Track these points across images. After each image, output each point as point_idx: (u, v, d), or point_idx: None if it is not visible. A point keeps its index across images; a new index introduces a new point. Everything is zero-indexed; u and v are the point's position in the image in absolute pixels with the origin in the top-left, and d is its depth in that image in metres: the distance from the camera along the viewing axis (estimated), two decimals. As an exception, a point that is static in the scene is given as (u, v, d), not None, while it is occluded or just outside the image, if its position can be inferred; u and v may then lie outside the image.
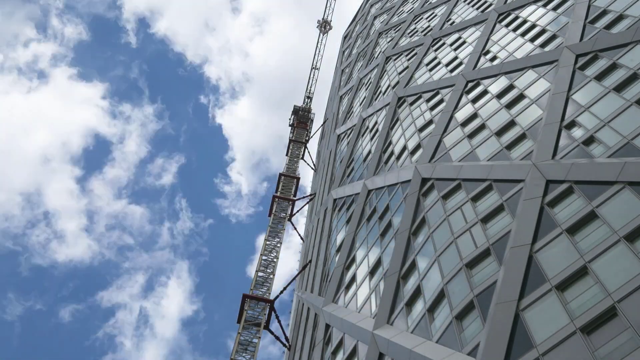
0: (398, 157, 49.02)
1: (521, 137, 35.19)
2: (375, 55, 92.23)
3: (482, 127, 40.33)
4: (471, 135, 40.54)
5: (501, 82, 44.57)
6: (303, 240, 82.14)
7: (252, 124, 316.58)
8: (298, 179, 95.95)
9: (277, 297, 65.72)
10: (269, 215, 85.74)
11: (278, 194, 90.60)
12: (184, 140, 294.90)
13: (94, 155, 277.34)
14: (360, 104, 78.46)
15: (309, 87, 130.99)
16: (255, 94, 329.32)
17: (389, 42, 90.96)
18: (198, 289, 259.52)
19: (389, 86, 70.06)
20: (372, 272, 38.73)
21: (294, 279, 68.02)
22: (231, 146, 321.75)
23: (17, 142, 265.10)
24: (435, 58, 64.36)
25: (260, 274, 71.10)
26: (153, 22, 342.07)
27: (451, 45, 63.89)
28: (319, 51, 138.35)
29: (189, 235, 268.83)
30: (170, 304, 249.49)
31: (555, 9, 49.44)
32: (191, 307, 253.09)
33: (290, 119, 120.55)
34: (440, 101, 51.53)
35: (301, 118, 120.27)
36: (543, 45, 44.99)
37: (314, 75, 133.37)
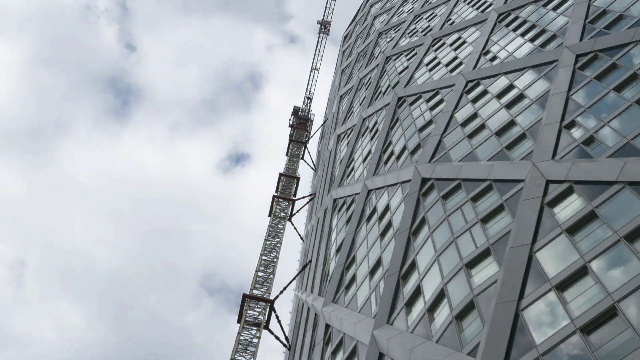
0: (398, 157, 49.00)
1: (521, 137, 35.18)
2: (375, 55, 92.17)
3: (482, 127, 40.31)
4: (471, 135, 40.52)
5: (501, 82, 44.55)
6: (303, 240, 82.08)
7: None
8: (298, 178, 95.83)
9: (277, 297, 65.73)
10: (269, 215, 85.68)
11: (278, 193, 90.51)
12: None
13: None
14: (360, 104, 78.42)
15: (308, 87, 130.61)
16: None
17: (389, 42, 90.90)
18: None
19: (389, 86, 70.03)
20: (372, 272, 38.71)
21: (294, 279, 68.00)
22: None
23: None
24: (435, 58, 64.33)
25: (260, 274, 71.09)
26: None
27: (451, 45, 63.86)
28: (319, 52, 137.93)
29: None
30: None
31: (555, 9, 49.40)
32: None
33: (290, 120, 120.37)
34: (440, 101, 51.50)
35: (301, 119, 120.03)
36: (543, 45, 44.95)
37: (313, 75, 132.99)
